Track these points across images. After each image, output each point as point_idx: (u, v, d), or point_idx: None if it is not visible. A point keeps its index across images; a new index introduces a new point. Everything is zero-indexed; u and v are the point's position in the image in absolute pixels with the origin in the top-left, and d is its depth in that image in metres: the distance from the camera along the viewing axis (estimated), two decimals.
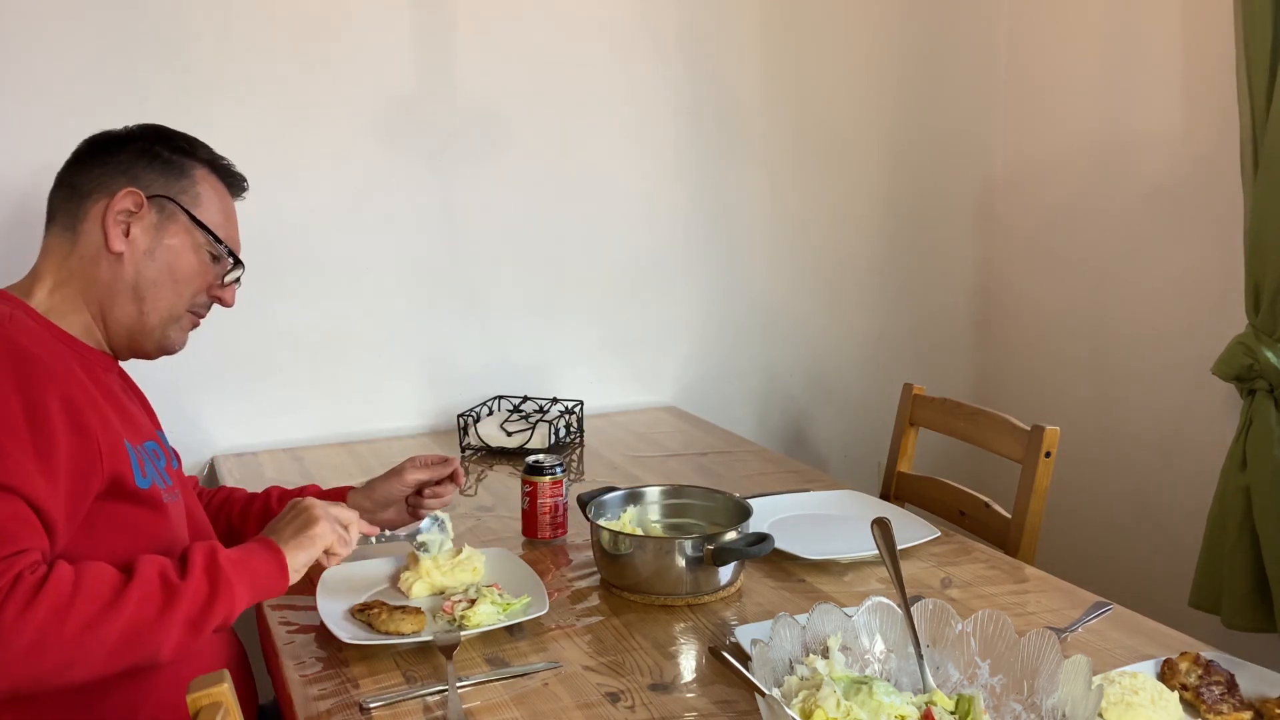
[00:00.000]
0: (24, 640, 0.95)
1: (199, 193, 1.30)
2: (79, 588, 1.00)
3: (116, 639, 1.01)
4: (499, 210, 2.27)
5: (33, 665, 0.96)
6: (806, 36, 2.50)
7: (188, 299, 1.30)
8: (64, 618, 0.98)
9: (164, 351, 1.32)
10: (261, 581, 1.14)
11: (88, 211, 1.25)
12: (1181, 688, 1.11)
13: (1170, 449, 2.34)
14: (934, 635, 1.08)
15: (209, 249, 1.30)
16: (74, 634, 0.98)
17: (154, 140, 1.30)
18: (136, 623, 1.02)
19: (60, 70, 1.88)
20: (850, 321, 2.68)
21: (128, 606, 1.02)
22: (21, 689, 0.97)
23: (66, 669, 0.99)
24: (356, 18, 2.08)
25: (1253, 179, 1.96)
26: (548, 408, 2.20)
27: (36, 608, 0.96)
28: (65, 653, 0.98)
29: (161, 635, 1.04)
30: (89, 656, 1.00)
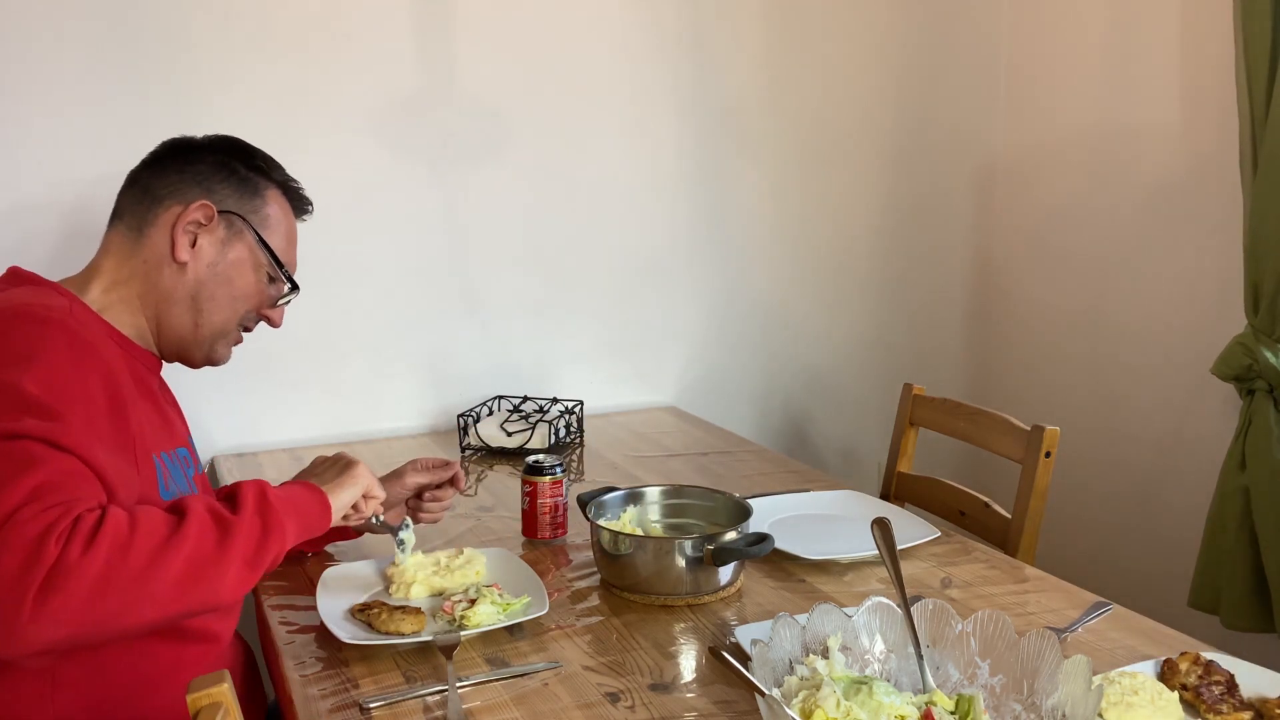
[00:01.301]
0: (88, 580, 0.95)
1: (268, 214, 1.32)
2: (136, 526, 1.00)
3: (178, 575, 1.00)
4: (499, 210, 2.27)
5: (97, 606, 0.95)
6: (807, 36, 2.50)
7: (240, 315, 1.32)
8: (125, 556, 0.97)
9: (209, 363, 1.34)
10: (307, 519, 1.17)
11: (158, 217, 1.26)
12: (1181, 688, 1.11)
13: (1170, 449, 2.34)
14: (934, 635, 1.08)
15: (269, 270, 1.32)
16: (136, 572, 0.98)
17: (232, 154, 1.31)
18: (197, 559, 1.02)
19: (60, 70, 1.88)
20: (850, 321, 2.68)
21: (187, 542, 1.02)
22: (86, 632, 0.96)
23: (130, 609, 0.98)
24: (356, 18, 2.08)
25: (1252, 179, 1.96)
26: (548, 408, 2.20)
27: (98, 547, 0.96)
28: (129, 592, 0.97)
29: (221, 572, 1.04)
30: (152, 595, 0.99)
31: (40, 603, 0.92)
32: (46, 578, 0.93)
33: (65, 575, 0.94)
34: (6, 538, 0.93)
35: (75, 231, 1.93)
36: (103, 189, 1.93)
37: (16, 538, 0.93)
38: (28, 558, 0.93)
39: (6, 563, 0.93)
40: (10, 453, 0.98)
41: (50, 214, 1.92)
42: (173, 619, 1.03)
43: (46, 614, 0.93)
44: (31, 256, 1.93)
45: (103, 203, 1.93)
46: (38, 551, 0.93)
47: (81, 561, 0.95)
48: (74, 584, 0.94)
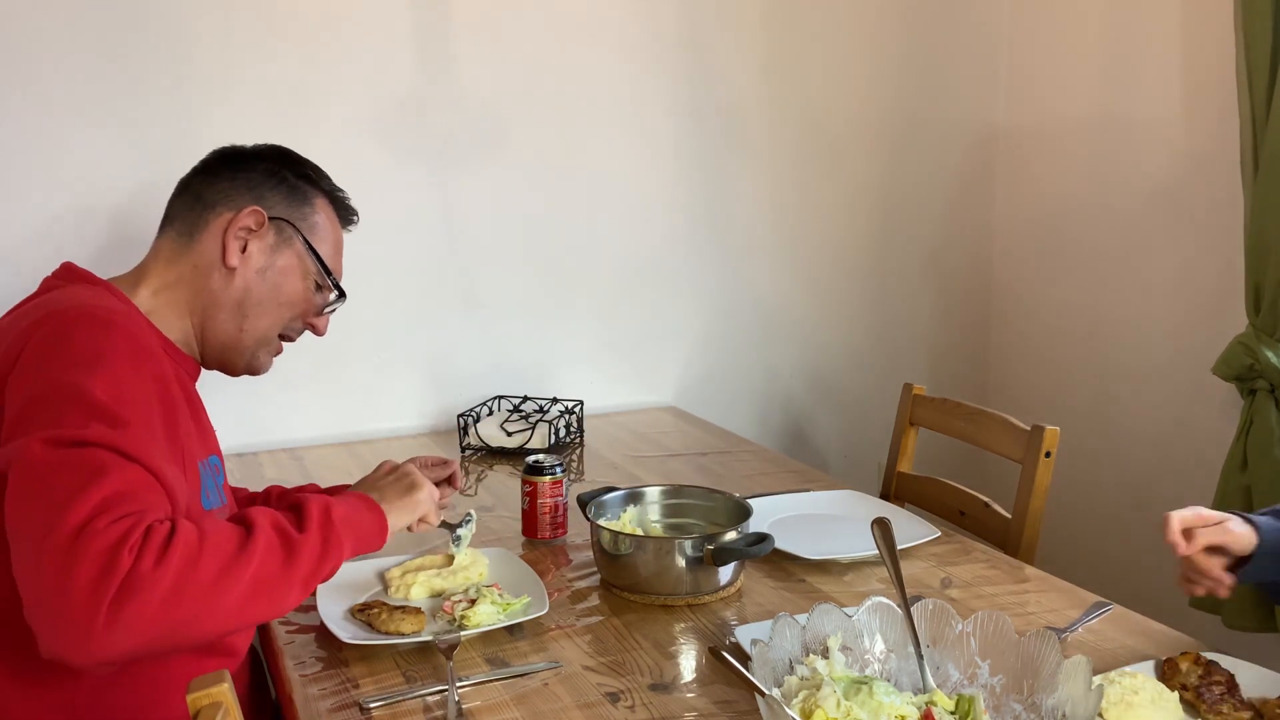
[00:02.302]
0: (160, 591, 0.95)
1: (316, 221, 1.33)
2: (205, 540, 1.00)
3: (244, 591, 1.01)
4: (499, 210, 2.27)
5: (167, 617, 0.96)
6: (806, 36, 2.50)
7: (285, 322, 1.33)
8: (196, 567, 0.98)
9: (250, 372, 1.34)
10: (364, 542, 1.18)
11: (210, 223, 1.26)
12: (1181, 688, 1.11)
13: (1170, 449, 2.34)
14: (934, 635, 1.08)
15: (316, 277, 1.33)
16: (207, 584, 0.98)
17: (282, 163, 1.32)
18: (262, 576, 1.03)
19: (59, 71, 1.88)
20: (850, 321, 2.68)
21: (254, 560, 1.02)
22: (155, 643, 0.97)
23: (197, 621, 0.98)
24: (356, 18, 2.08)
25: (1253, 179, 1.96)
26: (548, 408, 2.20)
27: (170, 560, 0.96)
28: (197, 605, 0.98)
29: (285, 591, 1.05)
30: (219, 609, 1.00)
31: (114, 612, 0.93)
32: (120, 588, 0.93)
33: (138, 586, 0.94)
34: (82, 548, 0.93)
35: (83, 237, 1.93)
36: (104, 188, 1.94)
37: (91, 548, 0.94)
38: (103, 568, 0.93)
39: (83, 573, 0.93)
40: (80, 461, 0.98)
41: (53, 216, 1.92)
42: (232, 631, 1.04)
43: (120, 624, 0.93)
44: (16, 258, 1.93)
45: (107, 204, 1.94)
46: (112, 562, 0.93)
47: (154, 573, 0.95)
48: (146, 595, 0.94)
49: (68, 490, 0.96)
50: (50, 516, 0.95)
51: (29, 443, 0.98)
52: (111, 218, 1.95)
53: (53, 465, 0.98)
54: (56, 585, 0.93)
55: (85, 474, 0.98)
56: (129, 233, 1.95)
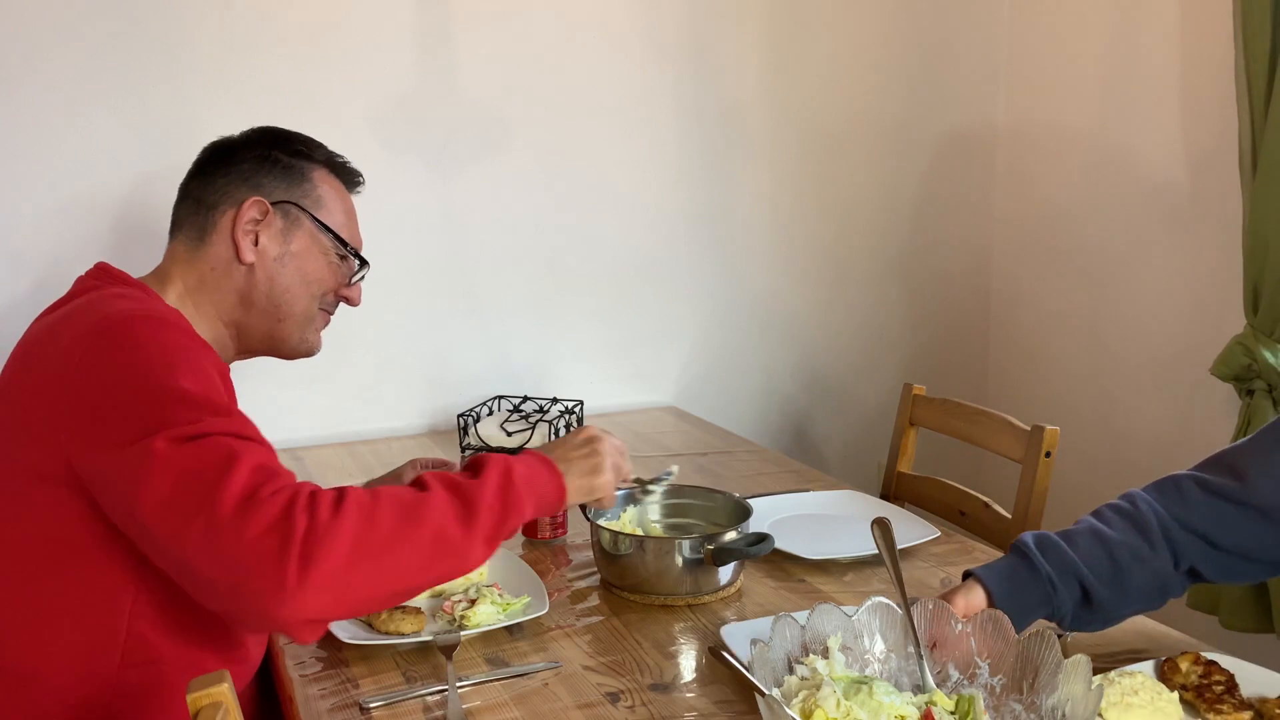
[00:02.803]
0: (343, 547, 0.95)
1: (320, 195, 1.31)
2: (378, 498, 1.00)
3: (426, 545, 1.00)
4: (499, 210, 2.27)
5: (355, 571, 0.95)
6: (807, 36, 2.50)
7: (318, 299, 1.32)
8: (373, 524, 0.97)
9: (303, 354, 1.34)
10: (543, 504, 1.15)
11: (216, 224, 1.26)
12: (1181, 688, 1.11)
13: (1169, 449, 2.34)
14: (934, 635, 1.08)
15: (335, 250, 1.31)
16: (386, 540, 0.98)
17: (271, 144, 1.31)
18: (442, 530, 1.02)
19: (59, 71, 1.88)
20: (850, 321, 2.68)
21: (431, 514, 1.02)
22: (344, 600, 0.96)
23: (382, 577, 0.98)
24: (356, 18, 2.08)
25: (1251, 180, 1.96)
26: (548, 408, 2.20)
27: (345, 517, 0.96)
28: (380, 560, 0.97)
29: (467, 544, 1.04)
30: (402, 564, 0.99)
31: (303, 570, 0.93)
32: (303, 546, 0.93)
33: (319, 543, 0.94)
34: (253, 517, 0.94)
35: (81, 231, 1.93)
36: (102, 185, 1.94)
37: (262, 515, 0.94)
38: (282, 533, 0.93)
39: (263, 540, 0.93)
40: (212, 448, 0.98)
41: (54, 209, 1.92)
42: (416, 590, 1.03)
43: (310, 583, 0.93)
44: (38, 255, 1.93)
45: (105, 200, 1.94)
46: (288, 524, 0.94)
47: (332, 531, 0.95)
48: (329, 551, 0.94)
49: (214, 473, 0.96)
50: (207, 499, 0.94)
51: (150, 444, 0.97)
52: (109, 213, 1.95)
53: (186, 458, 0.97)
54: (238, 556, 0.93)
55: (222, 457, 0.97)
56: (129, 226, 1.95)
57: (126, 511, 1.00)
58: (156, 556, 1.01)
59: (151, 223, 1.33)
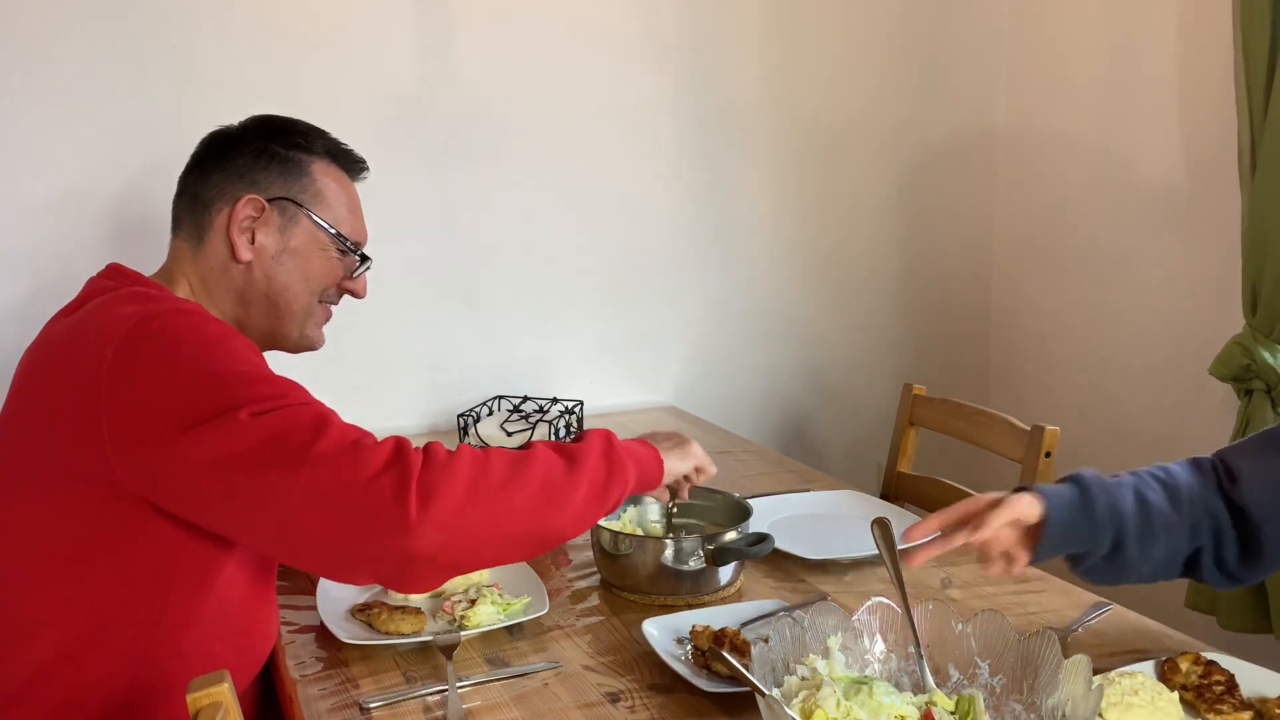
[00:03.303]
0: (459, 484, 0.98)
1: (319, 190, 1.28)
2: (487, 450, 1.03)
3: (535, 492, 1.04)
4: (499, 210, 2.27)
5: (469, 512, 0.98)
6: (806, 37, 2.50)
7: (319, 295, 1.30)
8: (485, 470, 1.01)
9: (304, 349, 1.33)
10: (645, 473, 1.20)
11: (212, 222, 1.24)
12: (1181, 688, 1.11)
13: (1168, 449, 2.34)
14: (934, 635, 1.08)
15: (335, 246, 1.29)
16: (498, 484, 1.01)
17: (269, 137, 1.27)
18: (550, 481, 1.06)
19: (59, 72, 1.88)
20: (850, 321, 2.68)
21: (537, 466, 1.06)
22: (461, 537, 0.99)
23: (496, 519, 1.01)
24: (356, 18, 2.08)
25: (1250, 180, 1.96)
26: (548, 408, 2.20)
27: (459, 460, 1.00)
28: (494, 503, 1.01)
29: (570, 496, 1.08)
30: (513, 509, 1.02)
31: (423, 506, 0.95)
32: (420, 484, 0.96)
33: (437, 481, 0.97)
34: (364, 459, 0.96)
35: (69, 228, 1.93)
36: (99, 184, 1.94)
37: (374, 457, 0.97)
38: (399, 472, 0.96)
39: (383, 481, 0.95)
40: (295, 413, 1.00)
41: (53, 212, 1.92)
42: (522, 540, 1.05)
43: (430, 517, 0.96)
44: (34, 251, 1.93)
45: (100, 197, 1.94)
46: (402, 464, 0.97)
47: (448, 468, 0.98)
48: (448, 489, 0.97)
49: (308, 431, 0.98)
50: (308, 451, 0.96)
51: (233, 417, 0.98)
52: (109, 212, 1.95)
53: (273, 424, 0.99)
54: (355, 498, 0.95)
55: (312, 418, 1.00)
56: (128, 224, 1.94)
57: (207, 492, 1.00)
58: (246, 528, 1.01)
59: (151, 219, 1.31)
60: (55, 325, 1.17)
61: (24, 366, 1.15)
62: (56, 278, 1.85)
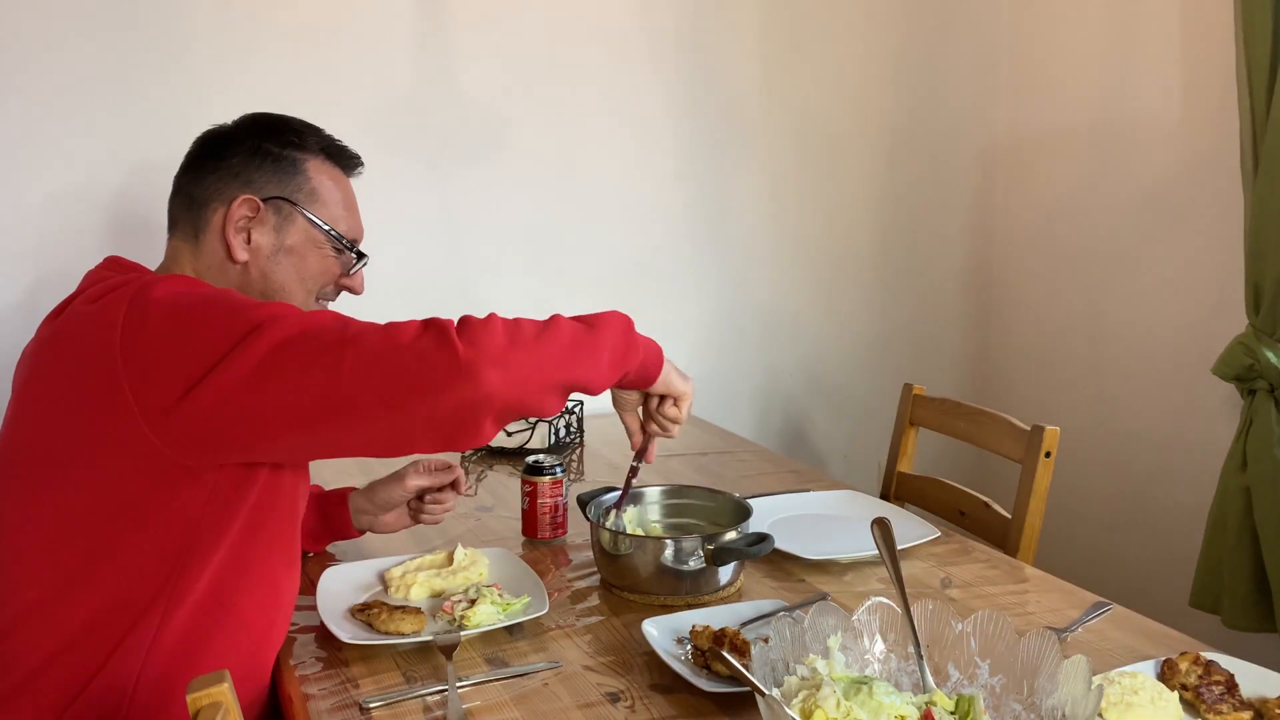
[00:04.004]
0: (499, 334, 1.03)
1: (314, 188, 1.27)
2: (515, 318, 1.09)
3: (565, 344, 1.09)
4: (499, 211, 2.27)
5: (515, 354, 1.03)
6: (806, 37, 2.50)
7: (315, 293, 1.30)
8: (517, 324, 1.07)
9: None
10: (648, 362, 1.26)
11: (208, 222, 1.24)
12: (1181, 688, 1.11)
13: (1170, 449, 2.34)
14: (934, 635, 1.08)
15: (331, 244, 1.29)
16: (532, 335, 1.07)
17: (263, 135, 1.27)
18: (575, 336, 1.11)
19: (58, 72, 1.88)
20: (850, 321, 2.68)
21: (561, 324, 1.11)
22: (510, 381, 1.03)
23: (536, 366, 1.06)
24: (356, 18, 2.08)
25: (1253, 178, 1.96)
26: None
27: (490, 316, 1.05)
28: (532, 351, 1.06)
29: (597, 350, 1.13)
30: (549, 357, 1.07)
31: (470, 348, 1.00)
32: (460, 335, 1.01)
33: (475, 333, 1.02)
34: (400, 331, 1.01)
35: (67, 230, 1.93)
36: (101, 186, 1.94)
37: (409, 327, 1.02)
38: (436, 332, 1.01)
39: (424, 341, 1.00)
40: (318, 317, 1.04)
41: (53, 209, 1.93)
42: (562, 385, 1.10)
43: (481, 356, 1.00)
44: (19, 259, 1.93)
45: (95, 195, 1.94)
46: (436, 325, 1.02)
47: (483, 324, 1.04)
48: (487, 337, 1.02)
49: (339, 321, 1.03)
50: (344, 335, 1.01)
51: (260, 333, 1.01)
52: (105, 209, 1.95)
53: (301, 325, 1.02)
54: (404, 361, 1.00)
55: (333, 315, 1.05)
56: (127, 222, 1.95)
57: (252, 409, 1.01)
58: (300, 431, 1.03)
59: (152, 218, 1.32)
60: (53, 319, 1.17)
61: (27, 362, 1.15)
62: (57, 276, 1.86)
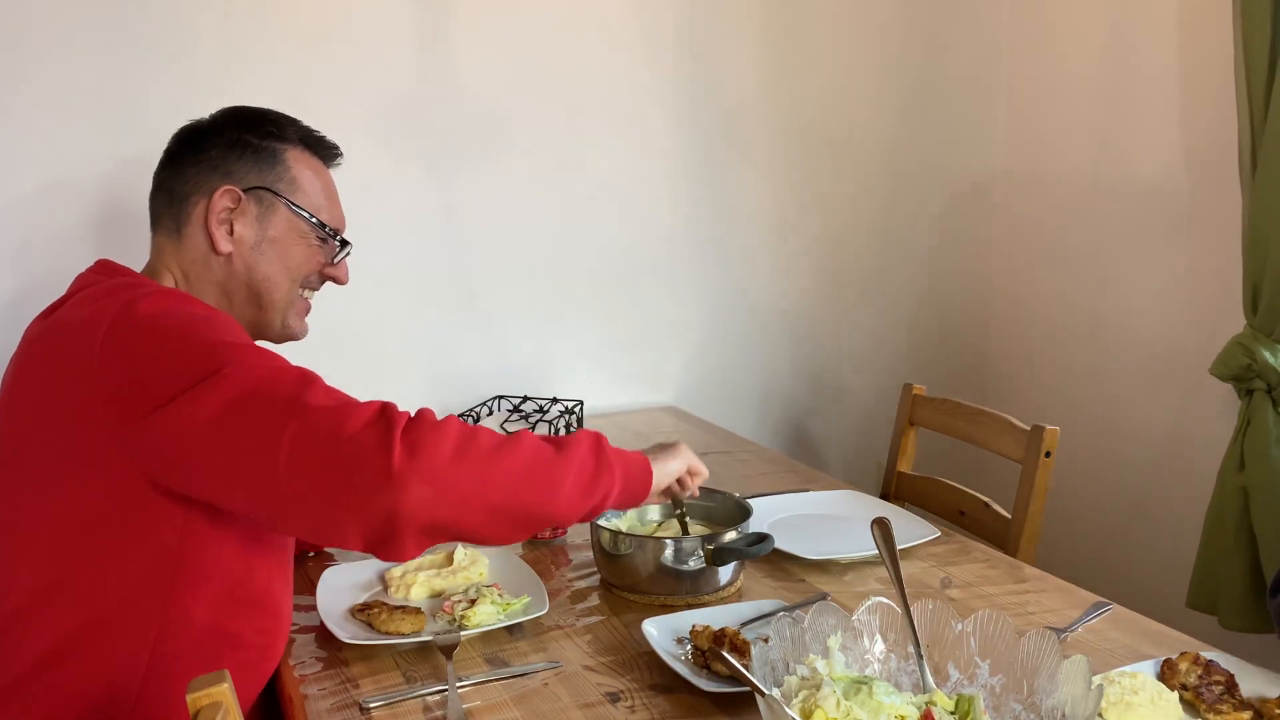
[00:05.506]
0: (447, 444, 0.98)
1: (294, 177, 1.28)
2: (477, 425, 1.04)
3: (522, 466, 1.04)
4: (499, 210, 2.27)
5: (455, 471, 0.98)
6: (807, 38, 2.50)
7: (300, 283, 1.30)
8: (475, 436, 1.02)
9: (286, 339, 1.32)
10: (632, 474, 1.20)
11: (190, 215, 1.24)
12: (1181, 688, 1.11)
13: (1169, 449, 2.34)
14: (934, 635, 1.08)
15: (314, 233, 1.29)
16: (486, 452, 1.01)
17: (241, 127, 1.27)
18: (538, 459, 1.06)
19: (57, 71, 1.88)
20: (850, 321, 2.68)
21: (525, 444, 1.06)
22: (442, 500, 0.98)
23: (482, 484, 1.01)
24: (356, 18, 2.08)
25: (1251, 179, 1.96)
26: (548, 408, 2.20)
27: (447, 420, 1.00)
28: (482, 467, 1.01)
29: (559, 479, 1.08)
30: (500, 477, 1.02)
31: (408, 457, 0.95)
32: (405, 437, 0.96)
33: (423, 437, 0.97)
34: (350, 414, 0.97)
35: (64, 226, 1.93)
36: (100, 186, 1.94)
37: (361, 412, 0.97)
38: (384, 426, 0.96)
39: (369, 435, 0.95)
40: (282, 371, 1.01)
41: (53, 205, 1.92)
42: (508, 514, 1.05)
43: (416, 469, 0.95)
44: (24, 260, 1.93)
45: (89, 193, 1.94)
46: (387, 419, 0.97)
47: (436, 428, 0.98)
48: (434, 445, 0.97)
49: (295, 385, 0.99)
50: (295, 405, 0.97)
51: (220, 374, 0.99)
52: (98, 207, 1.95)
53: (260, 379, 0.99)
54: (341, 450, 0.95)
55: (297, 376, 1.01)
56: (125, 221, 1.94)
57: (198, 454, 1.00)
58: (236, 491, 1.01)
59: (144, 216, 1.31)
60: (42, 320, 1.18)
61: (14, 363, 1.15)
62: (45, 274, 1.86)
